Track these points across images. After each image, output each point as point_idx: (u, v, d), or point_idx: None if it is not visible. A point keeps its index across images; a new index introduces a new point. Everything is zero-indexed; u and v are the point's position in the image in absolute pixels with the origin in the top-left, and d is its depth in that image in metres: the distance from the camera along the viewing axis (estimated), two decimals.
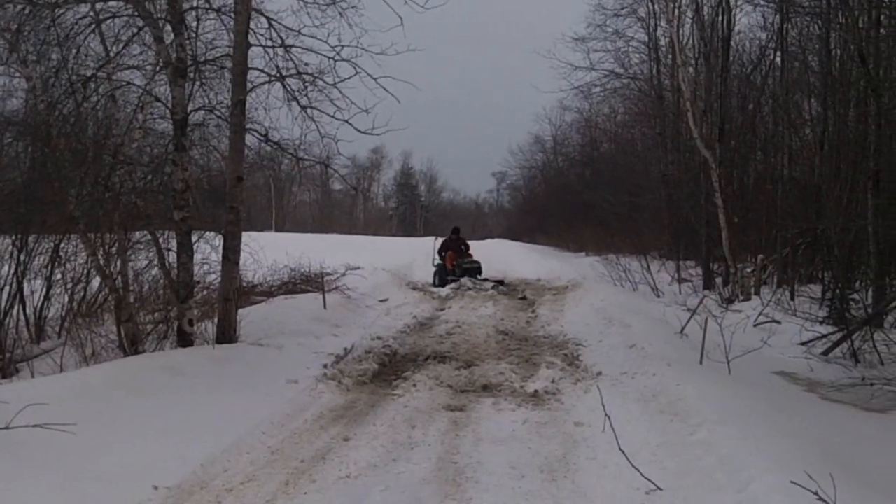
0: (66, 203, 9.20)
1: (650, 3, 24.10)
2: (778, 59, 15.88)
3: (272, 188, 70.36)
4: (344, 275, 15.91)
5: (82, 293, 11.24)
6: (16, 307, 10.40)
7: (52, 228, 10.46)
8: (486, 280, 19.25)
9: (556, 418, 6.67)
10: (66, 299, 11.18)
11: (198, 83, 9.48)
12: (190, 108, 9.05)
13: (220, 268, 9.70)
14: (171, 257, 9.38)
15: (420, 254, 24.75)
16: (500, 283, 19.41)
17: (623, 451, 5.04)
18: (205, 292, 10.75)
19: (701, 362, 8.19)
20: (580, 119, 40.06)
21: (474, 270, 19.67)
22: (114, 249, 9.42)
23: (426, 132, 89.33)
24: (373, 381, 8.16)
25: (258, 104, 9.90)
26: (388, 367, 8.98)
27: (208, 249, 10.15)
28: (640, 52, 26.38)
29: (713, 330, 8.46)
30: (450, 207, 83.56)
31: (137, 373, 6.67)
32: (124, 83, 9.39)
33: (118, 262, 9.49)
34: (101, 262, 9.35)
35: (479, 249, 23.09)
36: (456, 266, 19.70)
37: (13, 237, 10.30)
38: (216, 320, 9.37)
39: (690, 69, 19.76)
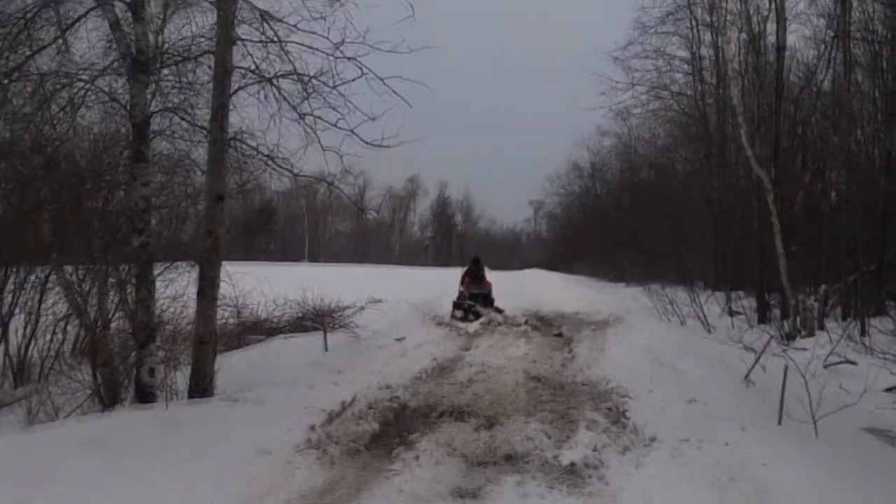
0: (40, 227, 8.07)
1: (693, 20, 22.91)
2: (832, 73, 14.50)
3: (306, 218, 69.94)
4: (362, 309, 14.47)
5: (74, 331, 10.04)
6: None
7: (24, 258, 9.31)
8: (494, 309, 18.29)
9: None
10: (49, 338, 10.00)
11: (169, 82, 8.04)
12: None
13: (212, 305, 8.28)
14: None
15: (450, 285, 23.39)
16: (499, 310, 18.41)
17: None
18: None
19: (780, 422, 6.58)
20: (619, 144, 38.74)
21: (481, 297, 18.81)
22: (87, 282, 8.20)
23: (462, 160, 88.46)
24: (368, 449, 6.51)
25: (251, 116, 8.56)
26: (393, 427, 7.34)
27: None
28: (682, 71, 25.18)
29: (778, 373, 7.00)
30: (487, 237, 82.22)
31: (46, 450, 5.09)
32: (75, 79, 7.98)
33: (96, 297, 8.19)
34: (77, 297, 8.09)
35: (514, 280, 21.71)
36: (468, 293, 18.88)
37: None
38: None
39: (740, 83, 18.27)
